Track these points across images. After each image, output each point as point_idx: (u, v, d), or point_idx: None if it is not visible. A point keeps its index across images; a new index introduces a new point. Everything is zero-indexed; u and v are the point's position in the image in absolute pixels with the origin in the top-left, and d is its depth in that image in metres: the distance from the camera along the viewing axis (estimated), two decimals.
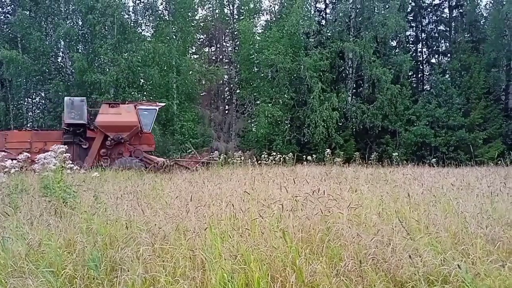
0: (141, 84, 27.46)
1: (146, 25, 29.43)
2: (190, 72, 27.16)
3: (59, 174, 6.15)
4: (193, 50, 34.19)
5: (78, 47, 27.35)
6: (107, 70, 24.42)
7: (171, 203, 5.68)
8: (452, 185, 7.42)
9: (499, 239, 3.86)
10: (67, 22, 26.20)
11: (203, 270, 3.29)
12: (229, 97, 35.32)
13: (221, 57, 36.26)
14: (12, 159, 16.11)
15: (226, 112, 35.02)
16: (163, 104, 20.35)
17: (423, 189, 6.71)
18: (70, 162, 7.17)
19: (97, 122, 16.46)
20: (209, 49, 37.43)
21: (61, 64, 27.92)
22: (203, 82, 30.82)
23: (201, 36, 36.15)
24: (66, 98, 16.56)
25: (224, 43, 36.65)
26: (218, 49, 36.88)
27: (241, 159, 14.95)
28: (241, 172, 11.12)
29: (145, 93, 27.79)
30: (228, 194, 6.27)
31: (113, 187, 7.81)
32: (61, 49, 27.97)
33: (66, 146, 6.66)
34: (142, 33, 28.28)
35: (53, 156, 6.34)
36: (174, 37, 27.88)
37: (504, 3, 27.93)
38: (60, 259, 3.57)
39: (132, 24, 27.59)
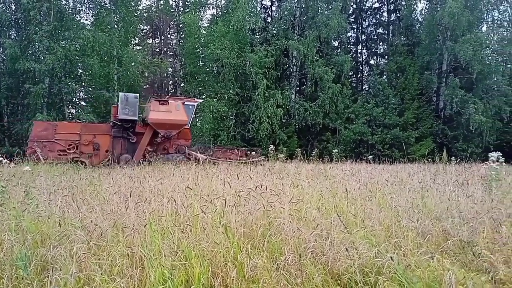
0: (79, 74, 26.11)
1: (86, 13, 27.92)
2: (133, 64, 26.18)
3: None
4: (136, 41, 33.12)
5: (10, 33, 25.47)
6: (42, 58, 22.89)
7: (109, 199, 5.47)
8: (387, 181, 7.82)
9: (429, 232, 4.13)
10: None
11: (142, 267, 3.21)
12: (173, 90, 34.63)
13: (165, 49, 35.46)
14: (60, 150, 15.82)
15: None
16: (201, 100, 20.57)
17: (360, 184, 7.01)
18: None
19: (150, 119, 16.48)
20: (153, 41, 36.47)
21: None
22: (146, 75, 29.93)
23: (145, 27, 35.14)
24: (121, 94, 16.66)
25: (169, 36, 35.88)
26: (162, 41, 36.03)
27: None
28: (184, 167, 10.97)
29: (83, 83, 26.47)
30: (170, 190, 6.16)
31: (46, 182, 7.37)
32: None
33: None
34: (81, 20, 26.72)
35: None
36: (115, 26, 26.75)
37: (438, 9, 29.69)
38: None
39: (70, 11, 26.07)
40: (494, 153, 7.88)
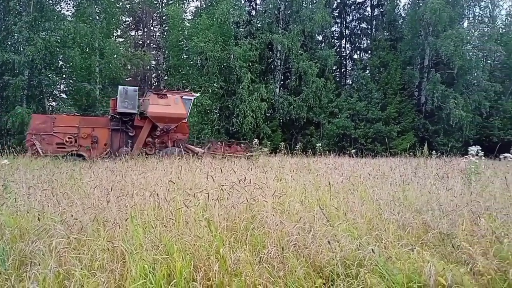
0: (59, 66, 25.61)
1: (67, 3, 27.38)
2: (115, 56, 25.79)
3: None
4: (118, 33, 32.54)
5: None
6: (22, 49, 22.36)
7: (90, 192, 5.39)
8: (369, 174, 7.89)
9: (409, 225, 4.18)
10: None
11: (123, 262, 3.17)
12: (156, 83, 34.29)
13: (148, 41, 35.04)
14: (58, 143, 15.79)
15: None
16: (197, 94, 20.76)
17: (342, 178, 7.06)
18: None
19: (149, 112, 16.50)
20: (135, 33, 35.96)
21: None
22: (129, 67, 29.51)
23: (127, 19, 34.59)
24: (120, 87, 16.54)
25: (152, 28, 35.44)
26: (145, 33, 35.56)
27: None
28: (168, 161, 10.88)
29: (64, 75, 25.96)
30: (153, 184, 6.10)
31: (25, 175, 7.22)
32: None
33: None
34: (62, 11, 26.25)
35: None
36: (97, 17, 26.20)
37: (421, 4, 30.02)
38: None
39: (51, 1, 25.49)
40: (474, 147, 8.02)
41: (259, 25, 30.61)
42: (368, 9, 37.16)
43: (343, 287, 2.96)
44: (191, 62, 28.48)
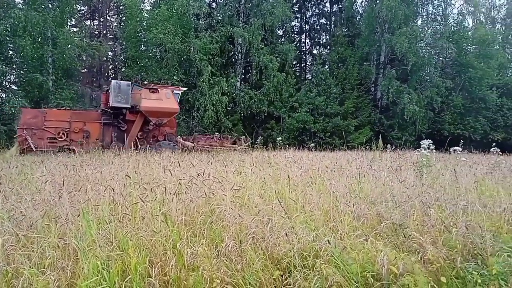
0: (9, 56, 24.28)
1: None
2: (69, 46, 24.70)
3: None
4: (73, 22, 31.24)
5: None
6: None
7: (41, 188, 5.16)
8: (327, 167, 8.04)
9: (364, 216, 4.30)
10: None
11: (75, 259, 3.06)
12: (113, 75, 33.27)
13: (104, 32, 33.88)
14: (49, 138, 15.53)
15: None
16: (185, 88, 21.05)
17: (301, 171, 7.16)
18: None
19: (142, 107, 16.71)
20: (91, 23, 34.68)
21: None
22: (84, 58, 28.39)
23: (82, 8, 33.26)
24: (113, 82, 16.86)
25: (108, 18, 34.31)
26: (101, 23, 34.37)
27: None
28: (125, 155, 10.61)
29: (14, 66, 24.64)
30: (109, 178, 5.92)
31: None
32: None
33: None
34: None
35: None
36: (50, 6, 25.02)
37: (377, 2, 30.78)
38: None
39: None
40: (426, 141, 8.38)
41: (219, 17, 30.30)
42: (327, 5, 37.76)
43: (300, 278, 3.00)
44: (150, 54, 27.81)
